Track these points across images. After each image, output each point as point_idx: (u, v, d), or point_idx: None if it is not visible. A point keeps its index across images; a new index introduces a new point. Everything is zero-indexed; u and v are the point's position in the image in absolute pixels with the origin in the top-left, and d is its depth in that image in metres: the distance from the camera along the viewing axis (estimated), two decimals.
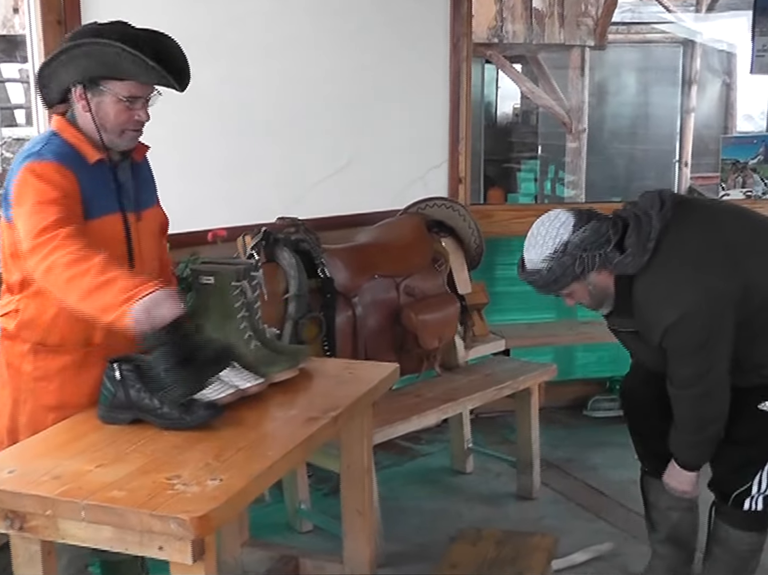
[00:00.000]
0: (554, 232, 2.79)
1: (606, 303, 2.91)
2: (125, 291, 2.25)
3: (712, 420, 2.87)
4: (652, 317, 2.80)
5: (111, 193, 2.57)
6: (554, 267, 2.77)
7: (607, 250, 2.76)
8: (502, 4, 9.28)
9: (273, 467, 2.20)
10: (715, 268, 2.78)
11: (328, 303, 3.72)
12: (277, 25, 4.22)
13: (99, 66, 2.46)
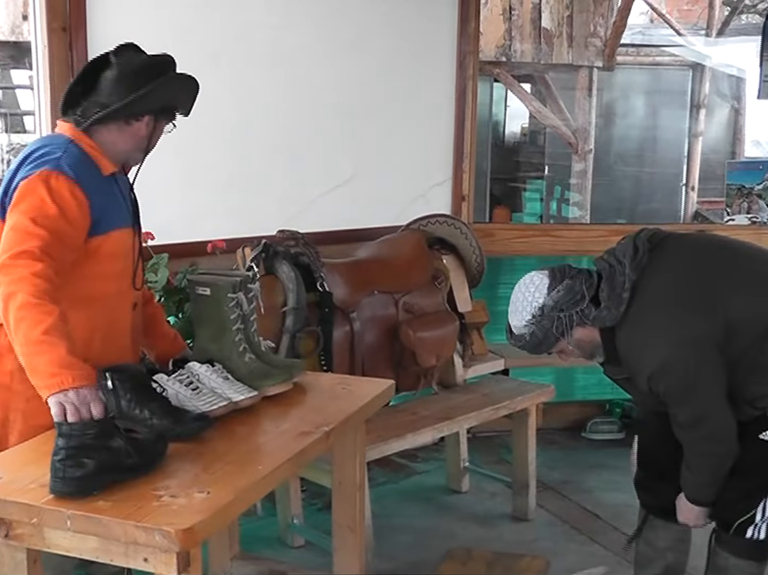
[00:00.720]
0: (530, 297, 2.87)
1: (597, 353, 2.95)
2: (56, 366, 2.21)
3: (722, 462, 2.85)
4: (635, 366, 2.81)
5: (122, 206, 2.60)
6: (536, 331, 2.84)
7: (583, 306, 2.80)
8: (510, 23, 9.28)
9: (262, 481, 2.19)
10: (692, 312, 2.77)
11: (326, 317, 3.70)
12: (283, 39, 4.21)
13: (178, 98, 2.65)
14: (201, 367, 2.61)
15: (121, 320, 2.62)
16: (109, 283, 2.54)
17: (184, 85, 2.65)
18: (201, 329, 2.78)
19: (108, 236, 2.50)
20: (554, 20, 9.49)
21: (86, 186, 2.42)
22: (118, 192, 2.59)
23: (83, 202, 2.41)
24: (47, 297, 2.25)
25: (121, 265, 2.57)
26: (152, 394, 2.40)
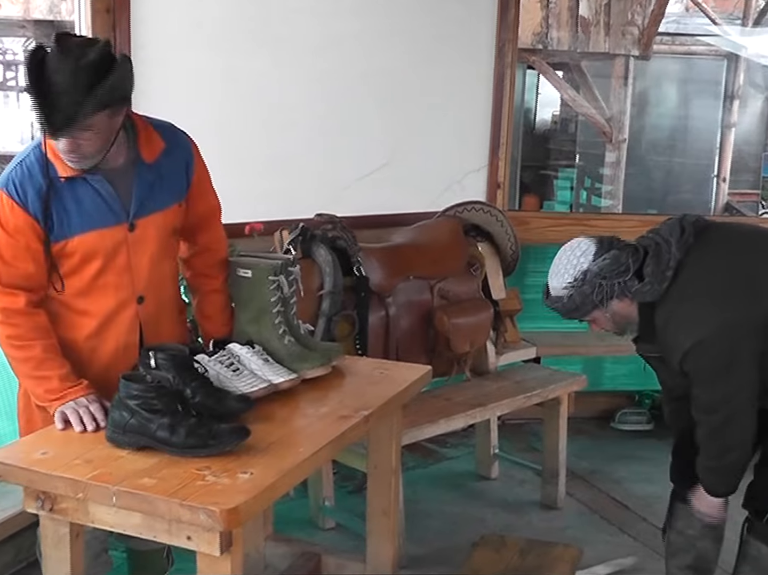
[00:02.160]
0: (575, 260, 2.84)
1: (629, 329, 2.94)
2: (53, 393, 2.40)
3: (731, 448, 2.82)
4: (670, 343, 2.79)
5: (94, 207, 2.47)
6: (575, 295, 2.82)
7: (626, 278, 2.78)
8: (548, 10, 9.23)
9: (303, 463, 2.21)
10: (734, 297, 2.76)
11: (362, 302, 3.72)
12: (325, 23, 4.22)
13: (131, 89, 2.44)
14: (242, 349, 2.63)
15: (118, 314, 2.57)
16: (87, 280, 2.51)
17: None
18: (241, 311, 2.79)
19: (69, 241, 2.46)
20: (592, 8, 9.43)
21: (31, 199, 2.40)
22: (90, 192, 2.46)
23: (26, 219, 2.41)
24: (24, 335, 2.44)
25: (99, 264, 2.50)
26: (194, 374, 2.42)
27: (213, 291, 2.84)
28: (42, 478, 2.09)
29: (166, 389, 2.24)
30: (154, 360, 2.38)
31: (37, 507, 2.14)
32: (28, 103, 2.31)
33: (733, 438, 2.81)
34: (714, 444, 2.84)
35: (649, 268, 2.77)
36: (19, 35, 11.20)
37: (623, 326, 2.92)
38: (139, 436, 2.19)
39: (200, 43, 3.89)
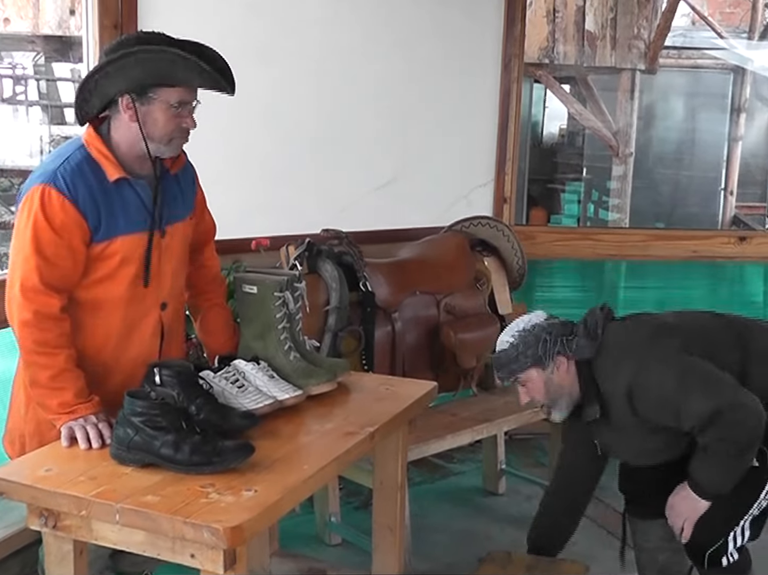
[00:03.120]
0: (527, 318, 2.97)
1: (560, 403, 2.95)
2: (65, 407, 2.38)
3: (754, 441, 2.75)
4: (612, 386, 2.83)
5: (134, 211, 2.52)
6: (518, 343, 2.89)
7: (569, 337, 2.88)
8: (554, 25, 9.24)
9: (308, 481, 2.20)
10: (662, 337, 2.88)
11: (368, 317, 3.71)
12: (332, 37, 4.23)
13: (150, 74, 2.42)
14: (247, 365, 2.63)
15: (142, 322, 2.60)
16: (121, 287, 2.52)
17: (155, 58, 2.42)
18: (246, 327, 2.79)
19: (112, 242, 2.48)
20: (598, 23, 9.44)
21: (81, 196, 2.41)
22: (133, 196, 2.51)
23: (76, 216, 2.40)
24: (52, 342, 2.40)
25: (134, 269, 2.52)
26: (199, 390, 2.42)
27: (215, 306, 2.88)
28: (45, 495, 2.09)
29: (170, 406, 2.24)
30: (159, 376, 2.38)
31: (40, 524, 2.14)
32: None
33: (749, 430, 2.74)
34: (732, 449, 2.76)
35: (580, 328, 2.91)
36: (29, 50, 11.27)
37: (554, 397, 2.93)
38: (144, 453, 2.19)
39: None
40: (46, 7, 8.45)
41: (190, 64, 2.42)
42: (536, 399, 2.96)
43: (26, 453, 2.47)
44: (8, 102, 12.83)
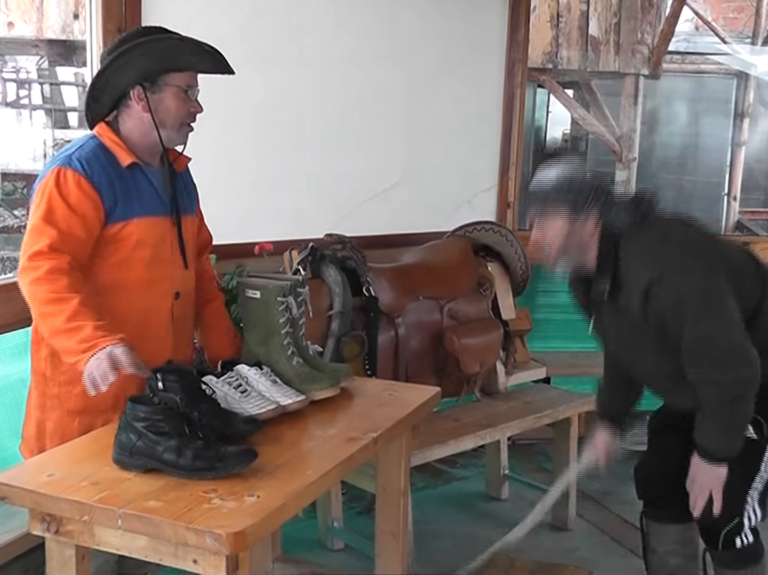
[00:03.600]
0: (571, 166, 2.83)
1: (567, 260, 2.84)
2: (85, 341, 2.34)
3: (743, 390, 2.66)
4: (635, 274, 2.71)
5: (148, 196, 2.61)
6: (561, 183, 2.75)
7: (611, 202, 2.77)
8: (558, 30, 9.23)
9: (310, 486, 2.19)
10: (705, 242, 2.79)
11: (371, 322, 3.71)
12: (335, 44, 4.23)
13: (158, 61, 2.53)
14: (250, 370, 2.62)
15: (157, 309, 2.66)
16: (137, 271, 2.59)
17: (162, 46, 2.55)
18: (249, 332, 2.79)
19: (128, 223, 2.55)
20: (602, 28, 9.43)
21: (97, 176, 2.50)
22: (146, 182, 2.61)
23: (91, 192, 2.49)
24: (64, 289, 2.39)
25: (149, 252, 2.60)
26: (202, 395, 2.41)
27: (215, 310, 2.92)
28: (48, 500, 2.08)
29: (173, 411, 2.23)
30: (162, 381, 2.37)
31: (42, 530, 2.13)
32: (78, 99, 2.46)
33: (742, 376, 2.66)
34: (720, 394, 2.67)
35: (625, 202, 2.81)
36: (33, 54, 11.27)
37: (567, 251, 2.80)
38: (146, 459, 2.18)
39: None
40: (50, 12, 8.46)
41: (194, 48, 2.56)
42: (548, 246, 2.81)
43: None
44: (12, 106, 12.84)
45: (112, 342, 2.34)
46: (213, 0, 3.90)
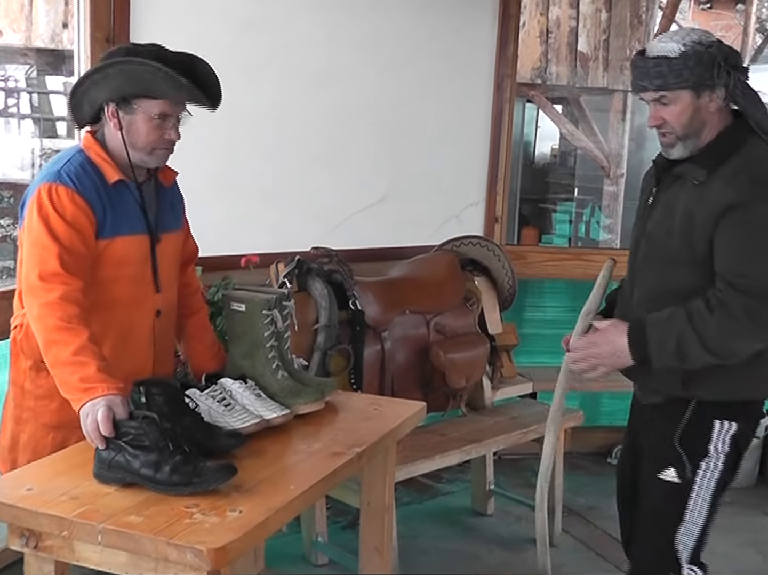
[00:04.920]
0: (702, 31, 2.46)
1: (689, 143, 2.50)
2: (87, 381, 2.28)
3: (727, 357, 2.43)
4: (730, 186, 2.40)
5: (132, 213, 2.58)
6: (691, 55, 2.39)
7: (744, 77, 2.44)
8: (547, 45, 9.27)
9: (294, 501, 2.17)
10: None
11: (358, 336, 3.69)
12: (325, 57, 4.22)
13: (132, 84, 2.47)
14: (234, 384, 2.60)
15: (138, 327, 2.63)
16: (120, 289, 2.56)
17: (139, 70, 2.45)
18: (234, 345, 2.77)
19: (112, 241, 2.52)
20: (590, 44, 9.47)
21: (87, 190, 2.48)
22: (131, 200, 2.58)
23: (85, 207, 2.46)
24: (75, 320, 2.35)
25: (131, 271, 2.57)
26: (185, 409, 2.39)
27: (198, 323, 2.90)
28: (27, 515, 2.05)
29: (154, 425, 2.21)
30: (145, 394, 2.35)
31: (21, 545, 2.10)
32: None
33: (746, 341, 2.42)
34: (717, 339, 2.41)
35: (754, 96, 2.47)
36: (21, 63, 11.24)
37: (689, 132, 2.48)
38: (124, 473, 2.16)
39: None
40: (39, 20, 8.44)
41: (170, 78, 2.44)
42: (671, 126, 2.50)
43: (18, 466, 2.45)
44: (0, 115, 12.80)
45: (112, 392, 2.28)
46: (204, 12, 3.88)
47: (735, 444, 2.55)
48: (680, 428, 2.55)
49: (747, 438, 2.61)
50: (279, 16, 4.09)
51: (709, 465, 2.55)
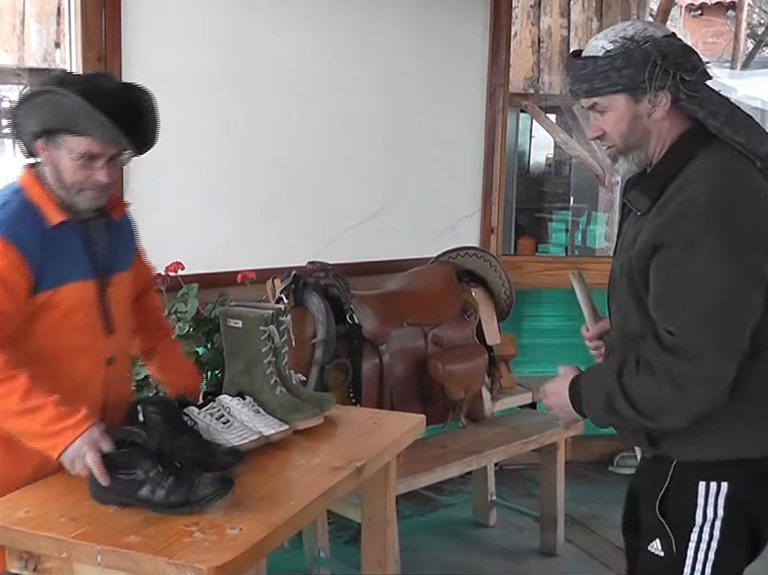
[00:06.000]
0: (642, 26, 2.12)
1: (633, 155, 2.17)
2: (51, 424, 2.19)
3: (664, 421, 2.07)
4: (658, 219, 2.05)
5: (79, 257, 2.39)
6: (618, 54, 2.07)
7: (689, 76, 2.08)
8: (539, 55, 9.27)
9: (294, 518, 2.16)
10: None
11: (355, 349, 3.68)
12: (316, 71, 4.23)
13: (56, 117, 2.27)
14: (232, 400, 2.60)
15: (90, 375, 2.45)
16: (67, 337, 2.38)
17: (65, 103, 2.24)
18: (232, 361, 2.76)
19: (57, 290, 2.33)
20: None
21: (24, 241, 2.27)
22: (75, 242, 2.39)
23: (18, 262, 2.25)
24: (5, 367, 2.21)
25: (78, 319, 2.39)
26: (183, 427, 2.39)
27: (167, 344, 2.80)
28: (25, 537, 2.04)
29: (143, 451, 2.19)
30: (143, 413, 2.35)
31: (20, 567, 2.09)
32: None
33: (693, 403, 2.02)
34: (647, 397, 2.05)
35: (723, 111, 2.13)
36: (14, 83, 11.24)
37: (632, 143, 2.15)
38: (120, 495, 2.15)
39: (191, 92, 3.88)
40: (31, 41, 8.42)
41: (90, 115, 2.22)
42: (610, 136, 2.16)
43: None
44: None
45: (86, 425, 2.20)
46: (193, 29, 3.89)
47: (733, 508, 2.12)
48: (662, 492, 2.17)
49: (751, 497, 2.16)
50: (269, 33, 4.09)
51: (702, 536, 2.13)
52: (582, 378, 2.20)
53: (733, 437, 2.12)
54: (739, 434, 2.12)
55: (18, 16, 8.33)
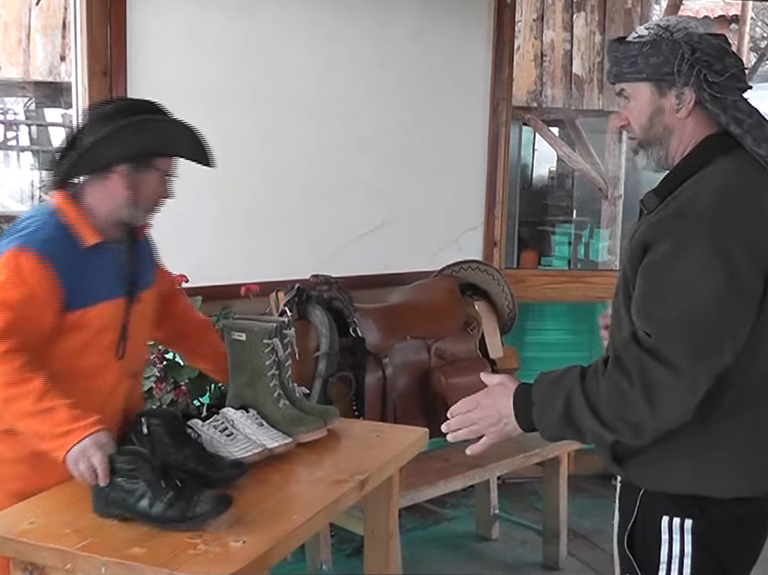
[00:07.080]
0: (685, 19, 2.05)
1: (654, 150, 2.08)
2: (61, 426, 2.23)
3: (625, 421, 1.87)
4: (654, 220, 1.98)
5: (111, 277, 2.48)
6: (649, 42, 1.98)
7: (717, 77, 1.97)
8: (542, 68, 9.30)
9: (297, 530, 2.17)
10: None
11: (359, 362, 3.69)
12: (319, 82, 4.25)
13: (151, 143, 2.42)
14: (236, 413, 2.61)
15: (114, 391, 2.53)
16: (97, 356, 2.46)
17: (159, 127, 2.45)
18: (236, 374, 2.77)
19: (89, 310, 2.40)
20: (585, 66, 9.51)
21: (57, 262, 2.33)
22: (108, 262, 2.47)
23: (50, 280, 2.32)
24: (23, 369, 2.26)
25: (111, 337, 2.48)
26: (187, 440, 2.39)
27: (214, 333, 2.92)
28: (30, 549, 2.05)
29: (145, 461, 2.20)
30: (147, 426, 2.36)
31: None
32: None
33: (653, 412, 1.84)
34: (610, 402, 1.87)
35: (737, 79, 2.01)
36: (20, 96, 11.29)
37: (652, 138, 2.07)
38: (120, 509, 2.15)
39: (197, 106, 3.88)
40: (36, 54, 8.47)
41: (183, 133, 2.47)
42: (632, 127, 2.09)
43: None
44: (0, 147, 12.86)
45: (94, 429, 2.24)
46: (199, 43, 3.91)
47: (702, 546, 1.96)
48: (629, 525, 2.04)
49: (724, 542, 1.98)
50: (273, 46, 4.11)
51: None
52: (536, 382, 2.01)
53: (700, 469, 1.95)
54: (707, 466, 1.94)
55: (24, 29, 8.38)
